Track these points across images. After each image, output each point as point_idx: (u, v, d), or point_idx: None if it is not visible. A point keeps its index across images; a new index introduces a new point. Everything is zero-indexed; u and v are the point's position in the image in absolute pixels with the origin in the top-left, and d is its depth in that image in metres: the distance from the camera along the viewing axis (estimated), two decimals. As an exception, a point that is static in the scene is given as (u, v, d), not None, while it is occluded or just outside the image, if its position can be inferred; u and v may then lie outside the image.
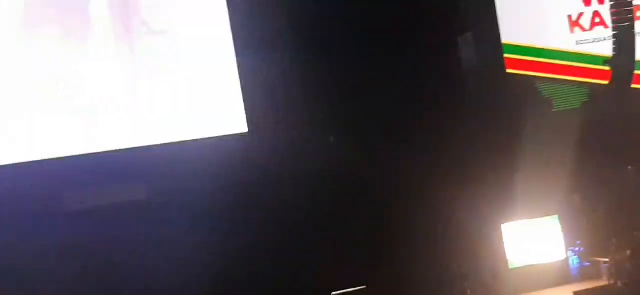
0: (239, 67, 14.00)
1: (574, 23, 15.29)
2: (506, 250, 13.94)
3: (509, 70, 14.84)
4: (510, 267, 13.88)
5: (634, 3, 14.25)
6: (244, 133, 13.99)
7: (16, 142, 13.09)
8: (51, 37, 13.36)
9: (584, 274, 13.95)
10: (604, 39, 14.70)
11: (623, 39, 14.07)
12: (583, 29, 15.24)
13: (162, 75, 13.86)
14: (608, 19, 14.55)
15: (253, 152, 13.89)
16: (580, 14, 15.30)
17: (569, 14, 15.30)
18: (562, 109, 15.06)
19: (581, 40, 15.16)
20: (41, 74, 13.29)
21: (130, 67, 13.79)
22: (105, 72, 13.62)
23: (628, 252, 13.25)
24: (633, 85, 14.45)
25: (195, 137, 13.75)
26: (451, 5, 14.68)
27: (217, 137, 13.88)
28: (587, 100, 15.07)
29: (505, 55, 14.81)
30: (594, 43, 15.07)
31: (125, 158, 13.39)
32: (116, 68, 13.69)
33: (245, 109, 14.00)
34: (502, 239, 13.97)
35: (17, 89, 13.18)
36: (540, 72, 14.99)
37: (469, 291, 13.60)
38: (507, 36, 14.83)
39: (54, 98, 13.32)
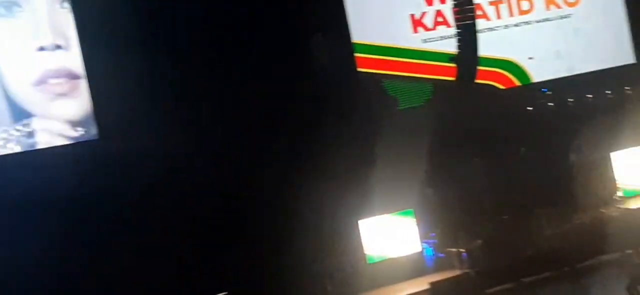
0: (87, 74, 13.54)
1: (417, 22, 15.74)
2: (364, 245, 14.13)
3: (360, 69, 15.10)
4: (369, 261, 14.10)
5: (475, 1, 14.90)
6: (95, 139, 13.59)
7: None
8: None
9: (439, 265, 14.29)
10: (451, 37, 15.14)
11: (466, 37, 14.65)
12: (426, 28, 15.71)
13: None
14: (451, 18, 15.13)
15: (103, 158, 13.43)
16: (423, 14, 15.77)
17: (412, 13, 15.73)
18: (407, 106, 15.47)
19: (428, 39, 15.61)
20: None
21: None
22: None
23: (479, 241, 13.78)
24: (476, 81, 15.10)
25: (43, 145, 13.20)
26: (302, 6, 14.70)
27: (66, 144, 13.40)
28: (430, 97, 15.52)
29: (356, 55, 15.07)
30: (441, 41, 15.56)
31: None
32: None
33: (96, 115, 13.59)
34: (359, 235, 14.15)
35: None
36: (390, 70, 15.33)
37: (329, 287, 13.69)
38: (357, 35, 15.08)
39: None
